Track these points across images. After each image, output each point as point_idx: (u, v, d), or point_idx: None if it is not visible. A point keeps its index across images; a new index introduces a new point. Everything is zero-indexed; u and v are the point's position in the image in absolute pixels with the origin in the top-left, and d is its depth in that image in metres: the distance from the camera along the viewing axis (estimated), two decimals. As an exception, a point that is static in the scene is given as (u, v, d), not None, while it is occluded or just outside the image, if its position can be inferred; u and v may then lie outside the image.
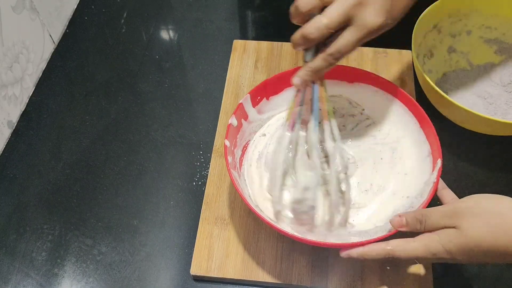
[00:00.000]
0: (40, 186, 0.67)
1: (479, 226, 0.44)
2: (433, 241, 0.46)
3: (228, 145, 0.58)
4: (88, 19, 0.86)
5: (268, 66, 0.76)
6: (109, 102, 0.75)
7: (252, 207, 0.53)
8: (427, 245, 0.46)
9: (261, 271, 0.57)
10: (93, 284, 0.59)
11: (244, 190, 0.57)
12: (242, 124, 0.62)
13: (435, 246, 0.46)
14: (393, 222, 0.50)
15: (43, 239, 0.62)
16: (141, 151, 0.70)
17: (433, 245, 0.46)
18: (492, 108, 0.69)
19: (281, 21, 0.84)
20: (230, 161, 0.57)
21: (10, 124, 0.72)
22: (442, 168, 0.55)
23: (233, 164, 0.58)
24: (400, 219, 0.49)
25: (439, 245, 0.46)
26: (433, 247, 0.46)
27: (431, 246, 0.46)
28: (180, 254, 0.61)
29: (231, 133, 0.59)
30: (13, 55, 0.71)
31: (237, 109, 0.61)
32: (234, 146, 0.60)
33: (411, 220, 0.49)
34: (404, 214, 0.50)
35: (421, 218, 0.48)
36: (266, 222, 0.52)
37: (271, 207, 0.58)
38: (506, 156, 0.67)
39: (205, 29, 0.84)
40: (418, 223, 0.48)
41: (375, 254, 0.49)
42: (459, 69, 0.74)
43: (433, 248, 0.46)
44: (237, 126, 0.61)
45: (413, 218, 0.49)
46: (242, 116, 0.62)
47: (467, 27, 0.73)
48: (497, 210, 0.45)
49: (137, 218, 0.64)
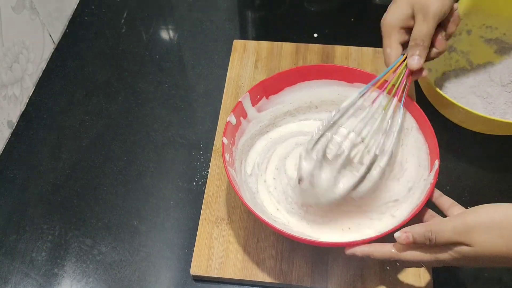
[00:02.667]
0: (40, 186, 0.67)
1: (493, 241, 0.43)
2: (444, 254, 0.45)
3: (226, 143, 0.58)
4: (88, 19, 0.86)
5: (268, 66, 0.76)
6: (109, 102, 0.75)
7: (251, 207, 0.53)
8: (436, 256, 0.46)
9: (261, 271, 0.57)
10: (93, 284, 0.59)
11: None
12: (241, 122, 0.62)
13: (445, 258, 0.45)
14: (400, 238, 0.48)
15: (43, 239, 0.62)
16: (141, 151, 0.70)
17: (443, 257, 0.45)
18: (491, 108, 0.69)
19: (281, 21, 0.84)
20: (228, 158, 0.57)
21: (10, 124, 0.72)
22: (439, 169, 0.54)
23: (231, 162, 0.58)
24: (407, 236, 0.47)
25: (450, 257, 0.45)
26: (442, 258, 0.45)
27: (441, 257, 0.46)
28: (180, 254, 0.61)
29: (229, 131, 0.59)
30: (13, 55, 0.71)
31: (236, 107, 0.61)
32: (232, 144, 0.60)
33: (419, 238, 0.47)
34: (411, 230, 0.48)
35: (431, 235, 0.46)
36: (264, 222, 0.52)
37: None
38: (506, 156, 0.67)
39: (205, 29, 0.84)
40: (427, 241, 0.46)
41: (379, 256, 0.49)
42: (459, 69, 0.74)
43: (443, 258, 0.45)
44: (236, 124, 0.61)
45: (421, 235, 0.46)
46: (241, 114, 0.62)
47: (467, 27, 0.73)
48: (509, 220, 0.43)
49: (137, 218, 0.64)
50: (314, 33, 0.81)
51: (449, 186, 0.64)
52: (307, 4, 0.87)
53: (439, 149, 0.55)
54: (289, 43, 0.78)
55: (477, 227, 0.43)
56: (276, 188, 0.61)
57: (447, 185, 0.64)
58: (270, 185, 0.62)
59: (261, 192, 0.61)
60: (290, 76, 0.64)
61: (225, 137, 0.58)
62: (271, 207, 0.60)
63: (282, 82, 0.64)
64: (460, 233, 0.44)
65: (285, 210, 0.60)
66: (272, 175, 0.63)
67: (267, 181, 0.62)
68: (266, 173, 0.63)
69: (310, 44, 0.78)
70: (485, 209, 0.45)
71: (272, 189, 0.61)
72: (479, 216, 0.44)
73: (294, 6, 0.86)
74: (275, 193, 0.61)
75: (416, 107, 0.59)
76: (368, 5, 0.86)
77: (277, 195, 0.61)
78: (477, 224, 0.44)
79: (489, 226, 0.43)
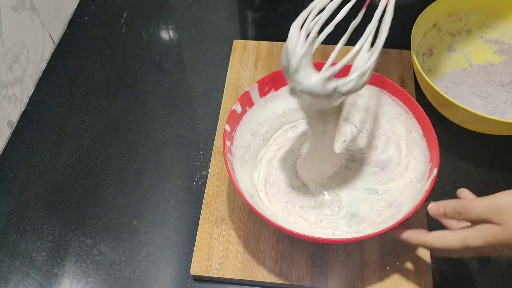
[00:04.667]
0: (40, 186, 0.67)
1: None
2: (475, 237, 0.46)
3: (228, 130, 0.58)
4: (88, 19, 0.86)
5: (268, 66, 0.76)
6: (109, 102, 0.75)
7: (248, 201, 0.53)
8: (466, 241, 0.46)
9: (261, 271, 0.57)
10: (93, 284, 0.59)
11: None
12: (247, 111, 0.62)
13: (475, 242, 0.46)
14: (431, 210, 0.50)
15: (43, 239, 0.62)
16: (141, 151, 0.70)
17: (474, 241, 0.46)
18: (490, 108, 0.69)
19: (281, 21, 0.84)
20: (228, 146, 0.57)
21: (10, 124, 0.72)
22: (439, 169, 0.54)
23: (230, 150, 0.59)
24: (438, 208, 0.49)
25: (481, 240, 0.45)
26: (473, 242, 0.46)
27: (471, 241, 0.46)
28: (180, 254, 0.61)
29: (233, 119, 0.59)
30: (13, 55, 0.71)
31: (242, 96, 0.60)
32: (235, 133, 0.61)
33: (450, 211, 0.48)
34: (443, 203, 0.49)
35: (461, 210, 0.47)
36: (263, 217, 0.52)
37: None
38: (505, 156, 0.67)
39: (205, 29, 0.84)
40: (457, 214, 0.48)
41: (414, 242, 0.50)
42: (459, 69, 0.74)
43: (473, 243, 0.46)
44: (240, 113, 0.61)
45: (452, 209, 0.48)
46: (248, 104, 0.62)
47: (467, 26, 0.73)
48: None
49: (137, 218, 0.64)
50: (314, 33, 0.81)
51: (449, 186, 0.64)
52: (307, 4, 0.87)
53: (439, 149, 0.55)
54: (289, 43, 0.78)
55: (508, 208, 0.44)
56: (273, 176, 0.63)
57: (447, 185, 0.64)
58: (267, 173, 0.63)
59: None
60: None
61: (228, 124, 0.58)
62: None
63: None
64: (492, 211, 0.45)
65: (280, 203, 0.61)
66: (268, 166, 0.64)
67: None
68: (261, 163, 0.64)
69: (310, 44, 0.77)
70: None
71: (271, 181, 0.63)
72: (509, 198, 0.45)
73: (294, 6, 0.86)
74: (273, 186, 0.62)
75: (423, 114, 0.59)
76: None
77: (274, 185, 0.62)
78: (509, 205, 0.44)
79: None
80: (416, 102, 0.60)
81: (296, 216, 0.59)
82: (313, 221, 0.59)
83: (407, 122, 0.62)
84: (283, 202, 0.61)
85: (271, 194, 0.61)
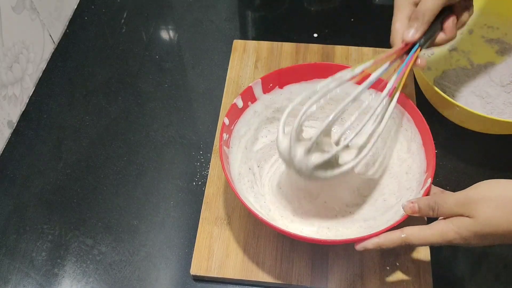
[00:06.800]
0: (40, 186, 0.67)
1: (494, 213, 0.44)
2: (449, 230, 0.46)
3: (227, 124, 0.58)
4: (88, 19, 0.86)
5: (268, 66, 0.76)
6: (109, 102, 0.75)
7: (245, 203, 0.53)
8: (442, 234, 0.47)
9: (261, 271, 0.57)
10: (93, 284, 0.59)
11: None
12: (249, 105, 0.62)
13: (451, 235, 0.46)
14: (405, 208, 0.50)
15: (43, 239, 0.62)
16: (141, 151, 0.70)
17: (449, 234, 0.46)
18: (489, 108, 0.69)
19: (281, 21, 0.84)
20: (225, 138, 0.57)
21: (10, 124, 0.72)
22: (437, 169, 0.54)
23: (227, 143, 0.59)
24: (413, 206, 0.50)
25: (455, 234, 0.46)
26: (449, 235, 0.46)
27: (447, 234, 0.46)
28: (180, 254, 0.61)
29: (233, 113, 0.59)
30: (13, 55, 0.71)
31: (245, 91, 0.60)
32: (234, 127, 0.61)
33: (424, 207, 0.49)
34: (417, 200, 0.50)
35: (434, 205, 0.48)
36: (262, 220, 0.52)
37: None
38: (505, 156, 0.67)
39: (205, 29, 0.84)
40: (430, 210, 0.48)
41: (390, 243, 0.50)
42: (459, 68, 0.73)
43: (449, 236, 0.46)
44: (241, 108, 0.61)
45: (425, 205, 0.49)
46: (250, 99, 0.62)
47: (468, 26, 0.73)
48: (509, 194, 0.45)
49: (137, 218, 0.64)
50: (314, 33, 0.81)
51: (449, 186, 0.64)
52: (307, 4, 0.87)
53: (438, 149, 0.55)
54: (289, 43, 0.78)
55: (478, 200, 0.45)
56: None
57: (447, 185, 0.64)
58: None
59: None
60: (306, 71, 0.63)
61: (227, 117, 0.58)
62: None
63: (299, 74, 0.63)
64: (462, 205, 0.46)
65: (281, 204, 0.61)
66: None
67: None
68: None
69: (310, 44, 0.77)
70: (487, 184, 0.47)
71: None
72: (480, 190, 0.46)
73: (294, 6, 0.86)
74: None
75: (423, 123, 0.58)
76: (368, 5, 0.86)
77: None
78: (478, 197, 0.45)
79: (490, 199, 0.45)
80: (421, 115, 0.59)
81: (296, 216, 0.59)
82: (313, 221, 0.59)
83: (407, 133, 0.61)
84: (284, 203, 0.60)
85: (272, 193, 0.61)
